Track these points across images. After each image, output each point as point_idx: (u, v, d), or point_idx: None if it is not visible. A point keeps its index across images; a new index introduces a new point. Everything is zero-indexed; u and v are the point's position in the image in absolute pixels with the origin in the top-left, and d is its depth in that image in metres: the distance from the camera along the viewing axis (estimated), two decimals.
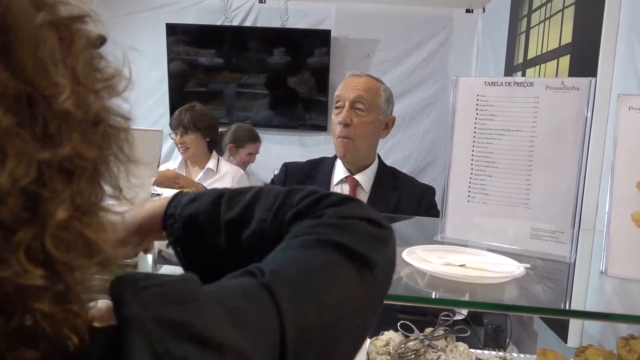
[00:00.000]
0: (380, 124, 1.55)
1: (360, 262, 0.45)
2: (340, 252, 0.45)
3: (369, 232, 0.49)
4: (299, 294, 0.41)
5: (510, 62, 2.67)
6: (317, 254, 0.45)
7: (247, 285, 0.40)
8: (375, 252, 0.47)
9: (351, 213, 0.50)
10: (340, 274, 0.44)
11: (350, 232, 0.48)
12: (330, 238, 0.46)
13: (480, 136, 1.05)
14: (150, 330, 0.32)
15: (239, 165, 2.96)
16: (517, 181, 1.01)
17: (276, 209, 0.54)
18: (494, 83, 1.03)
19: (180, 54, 3.73)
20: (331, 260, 0.45)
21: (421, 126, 3.66)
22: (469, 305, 0.80)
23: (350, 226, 0.49)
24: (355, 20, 3.64)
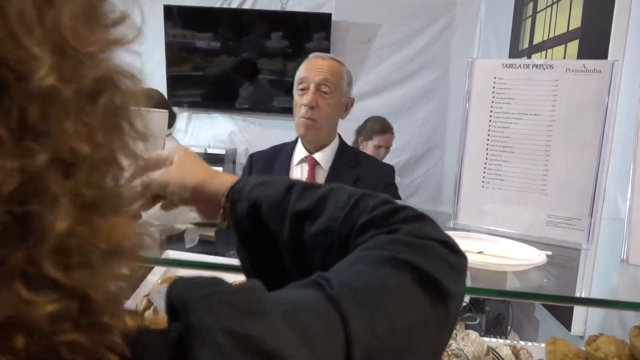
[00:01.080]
0: (342, 106, 1.61)
1: (436, 289, 0.42)
2: (415, 275, 0.42)
3: (446, 259, 0.46)
4: (369, 312, 0.38)
5: (515, 48, 2.63)
6: (391, 274, 0.42)
7: (315, 299, 0.37)
8: (452, 281, 0.44)
9: (428, 234, 0.47)
10: (414, 298, 0.41)
11: (428, 255, 0.45)
12: (406, 259, 0.43)
13: (497, 120, 1.02)
14: (220, 342, 0.29)
15: None
16: (533, 167, 0.99)
17: (349, 210, 0.51)
18: (511, 65, 1.00)
19: (177, 37, 3.66)
20: (405, 281, 0.42)
21: (421, 113, 3.63)
22: (487, 293, 0.78)
23: (429, 249, 0.46)
24: (356, 4, 3.58)
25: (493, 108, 1.02)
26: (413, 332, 0.40)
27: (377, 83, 3.65)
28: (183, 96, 3.73)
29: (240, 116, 3.76)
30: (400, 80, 3.63)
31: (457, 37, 3.55)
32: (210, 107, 3.78)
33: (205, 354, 0.29)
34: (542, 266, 0.78)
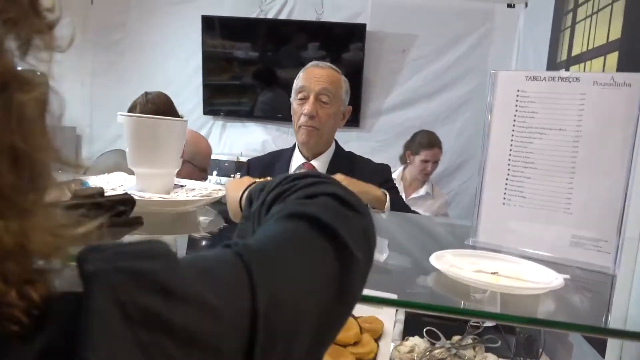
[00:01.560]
0: (340, 115, 1.63)
1: (332, 233, 0.44)
2: (310, 224, 0.45)
3: (340, 211, 0.48)
4: (270, 262, 0.39)
5: (552, 59, 2.55)
6: (288, 227, 0.45)
7: (222, 253, 0.39)
8: (346, 229, 0.45)
9: (322, 190, 0.51)
10: (311, 244, 0.44)
11: (321, 207, 0.47)
12: (300, 210, 0.46)
13: (519, 135, 0.98)
14: (114, 280, 0.30)
15: (417, 174, 2.91)
16: (558, 184, 0.94)
17: (265, 193, 0.56)
18: (536, 77, 0.96)
19: (215, 47, 3.73)
20: (301, 230, 0.44)
21: (457, 124, 3.56)
22: (499, 317, 0.74)
23: (322, 203, 0.49)
24: (392, 14, 3.56)
25: (516, 122, 0.98)
26: (313, 275, 0.42)
27: (412, 94, 3.61)
28: (219, 105, 3.79)
29: (273, 125, 3.79)
30: (435, 91, 3.58)
31: (495, 47, 3.48)
32: (245, 116, 3.82)
33: (98, 292, 0.29)
34: (560, 290, 0.74)
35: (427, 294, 0.75)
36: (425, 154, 2.92)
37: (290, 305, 0.38)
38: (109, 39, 3.89)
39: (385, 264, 0.95)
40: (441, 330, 1.27)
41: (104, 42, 3.89)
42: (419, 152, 2.94)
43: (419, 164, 2.95)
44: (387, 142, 3.63)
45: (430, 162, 2.94)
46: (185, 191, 1.08)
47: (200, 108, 3.79)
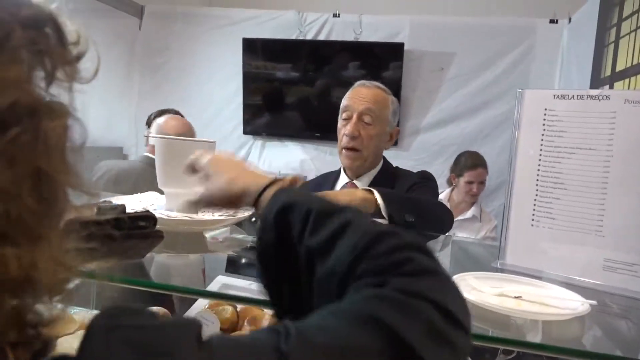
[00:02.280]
0: (386, 136, 1.57)
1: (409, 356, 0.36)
2: (387, 339, 0.36)
3: (436, 327, 0.38)
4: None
5: (596, 75, 2.47)
6: (358, 333, 0.36)
7: (261, 345, 0.34)
8: (434, 355, 0.37)
9: (424, 291, 0.40)
10: None
11: (411, 317, 0.38)
12: (386, 320, 0.37)
13: (548, 154, 0.95)
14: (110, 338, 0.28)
15: (464, 197, 2.88)
16: (589, 205, 0.91)
17: (358, 253, 0.46)
18: (564, 96, 0.93)
19: (256, 68, 3.81)
20: (370, 345, 0.36)
21: (497, 142, 3.48)
22: (517, 344, 0.72)
23: (415, 310, 0.39)
24: (430, 33, 3.55)
25: (544, 141, 0.95)
26: None
27: (451, 112, 3.56)
28: (258, 124, 3.86)
29: (312, 145, 3.82)
30: (474, 109, 3.52)
31: (537, 64, 3.40)
32: (284, 136, 3.87)
33: None
34: (586, 317, 0.71)
35: None
36: (469, 175, 2.87)
37: None
38: (154, 62, 4.04)
39: None
40: (470, 354, 1.23)
41: (149, 65, 4.05)
42: (462, 173, 2.89)
43: (463, 185, 2.89)
44: (425, 161, 3.59)
45: (475, 182, 2.87)
46: (212, 211, 1.10)
47: (241, 128, 3.87)
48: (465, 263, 1.10)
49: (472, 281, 0.80)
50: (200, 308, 1.28)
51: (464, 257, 1.25)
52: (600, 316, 0.74)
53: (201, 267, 1.16)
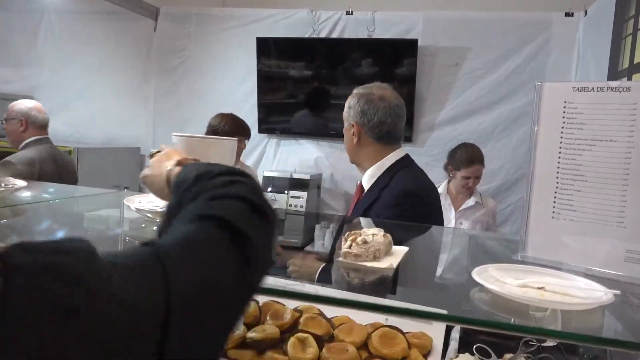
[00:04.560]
0: (349, 132, 1.67)
1: (235, 232, 0.51)
2: (217, 224, 0.51)
3: (245, 211, 0.55)
4: (181, 260, 0.45)
5: (614, 68, 2.45)
6: (196, 228, 0.51)
7: (142, 252, 0.45)
8: (249, 228, 0.53)
9: (235, 192, 0.57)
10: (215, 242, 0.50)
11: (228, 208, 0.54)
12: (208, 213, 0.53)
13: (568, 147, 0.95)
14: (35, 272, 0.34)
15: (458, 190, 2.95)
16: (610, 197, 0.91)
17: (182, 192, 0.63)
18: (583, 88, 0.94)
19: (271, 67, 3.84)
20: (208, 231, 0.51)
21: (514, 137, 3.47)
22: (543, 333, 0.73)
23: (230, 204, 0.55)
24: (443, 29, 3.54)
25: (563, 134, 0.96)
26: (218, 270, 0.48)
27: (466, 107, 3.55)
28: (273, 123, 3.89)
29: (326, 142, 3.83)
30: (490, 103, 3.51)
31: (553, 57, 3.37)
32: (299, 134, 3.89)
33: (20, 282, 0.33)
34: (610, 306, 0.71)
35: (469, 309, 0.75)
36: (465, 171, 2.86)
37: (199, 297, 0.44)
38: (170, 64, 4.09)
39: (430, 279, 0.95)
40: (493, 348, 1.24)
41: (165, 66, 4.10)
42: (459, 168, 2.89)
43: (460, 179, 2.89)
44: (440, 157, 3.58)
45: (472, 178, 2.88)
46: None
47: (256, 127, 3.90)
48: (484, 257, 1.11)
49: (494, 272, 0.81)
50: None
51: (481, 251, 1.26)
52: (624, 306, 0.75)
53: None
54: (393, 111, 1.64)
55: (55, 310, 0.33)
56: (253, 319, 1.23)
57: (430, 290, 0.83)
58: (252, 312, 1.23)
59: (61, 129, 4.36)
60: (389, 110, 1.63)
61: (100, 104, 4.23)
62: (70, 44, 4.24)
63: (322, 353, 1.12)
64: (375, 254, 0.88)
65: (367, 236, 0.89)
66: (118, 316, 0.36)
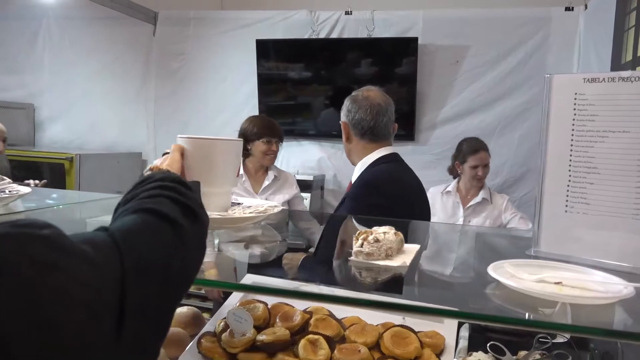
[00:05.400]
0: (344, 132, 1.80)
1: (168, 219, 0.60)
2: (153, 214, 0.60)
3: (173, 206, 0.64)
4: (130, 239, 0.53)
5: (617, 61, 2.43)
6: (137, 217, 0.60)
7: (98, 233, 0.53)
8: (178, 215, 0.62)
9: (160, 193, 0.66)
10: (155, 226, 0.59)
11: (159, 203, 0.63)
12: (144, 206, 0.62)
13: (579, 139, 0.94)
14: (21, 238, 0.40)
15: (471, 182, 2.95)
16: (624, 189, 0.89)
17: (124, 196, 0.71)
18: (594, 79, 0.92)
19: (270, 69, 3.83)
20: (146, 218, 0.60)
21: (516, 133, 3.45)
22: (562, 328, 0.71)
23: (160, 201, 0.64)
24: (443, 27, 3.53)
25: (575, 126, 0.94)
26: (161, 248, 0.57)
27: (467, 105, 3.54)
28: None
29: (328, 143, 3.82)
30: (491, 101, 3.50)
31: (553, 53, 3.36)
32: (300, 135, 3.88)
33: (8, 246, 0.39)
34: (631, 300, 0.70)
35: (486, 306, 0.73)
36: (472, 160, 2.87)
37: (146, 268, 0.52)
38: (170, 67, 4.08)
39: (444, 276, 0.93)
40: (506, 345, 1.22)
41: (164, 70, 4.09)
42: (466, 159, 2.90)
43: (469, 171, 2.90)
44: (442, 155, 3.57)
45: (480, 166, 2.88)
46: (242, 208, 1.11)
47: None
48: (495, 253, 1.09)
49: (510, 268, 0.80)
50: (232, 306, 1.29)
51: (492, 248, 1.25)
52: None
53: (232, 265, 1.17)
54: (374, 109, 1.73)
55: (34, 266, 0.39)
56: (263, 321, 1.22)
57: (446, 288, 0.82)
58: (262, 314, 1.22)
59: (61, 136, 4.36)
60: (369, 108, 1.73)
61: (100, 110, 4.22)
62: (69, 50, 4.24)
63: (333, 354, 1.10)
64: (387, 252, 0.87)
65: (379, 234, 0.88)
66: (89, 272, 0.44)
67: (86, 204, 1.78)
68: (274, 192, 2.79)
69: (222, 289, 1.29)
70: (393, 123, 1.79)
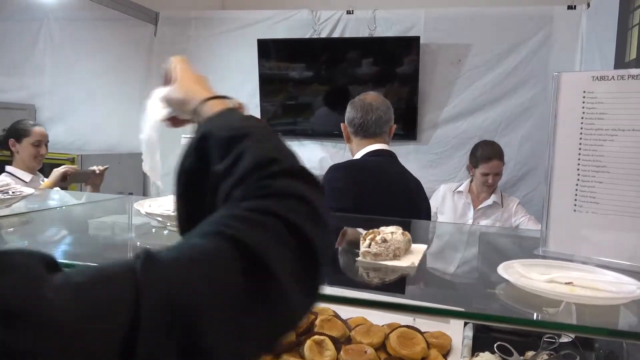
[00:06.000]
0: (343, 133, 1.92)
1: (255, 263, 0.39)
2: (233, 246, 0.39)
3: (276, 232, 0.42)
4: (165, 271, 0.36)
5: (620, 60, 2.42)
6: (207, 244, 0.40)
7: (119, 268, 0.36)
8: (276, 255, 0.41)
9: (274, 210, 0.44)
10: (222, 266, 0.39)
11: (252, 227, 0.42)
12: (223, 229, 0.41)
13: (588, 138, 0.93)
14: None
15: (480, 189, 2.91)
16: (634, 187, 0.88)
17: (237, 179, 0.49)
18: (603, 77, 0.91)
19: (271, 69, 3.82)
20: (217, 252, 0.39)
21: (519, 132, 3.44)
22: (575, 329, 0.70)
23: (257, 222, 0.43)
24: (445, 25, 3.52)
25: (583, 125, 0.93)
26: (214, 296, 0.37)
27: (469, 104, 3.53)
28: (276, 125, 3.86)
29: (330, 143, 3.81)
30: (494, 100, 3.49)
31: (556, 51, 3.35)
32: (302, 135, 3.87)
33: None
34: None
35: (497, 306, 0.72)
36: (484, 167, 2.86)
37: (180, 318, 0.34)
38: None
39: (453, 276, 0.92)
40: (513, 346, 1.21)
41: None
42: (478, 165, 2.88)
43: (480, 177, 2.89)
44: (445, 155, 3.57)
45: (491, 174, 2.86)
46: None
47: None
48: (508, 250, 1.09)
49: (520, 268, 0.79)
50: None
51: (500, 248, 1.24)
52: None
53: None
54: (363, 108, 1.82)
55: None
56: None
57: (455, 289, 0.81)
58: None
59: (63, 137, 4.34)
60: (359, 107, 1.83)
61: (102, 110, 4.21)
62: (70, 51, 4.23)
63: (339, 355, 1.10)
64: (395, 253, 0.86)
65: (386, 234, 0.87)
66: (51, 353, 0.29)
67: (88, 205, 1.78)
68: None
69: None
70: (387, 122, 1.86)
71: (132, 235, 1.24)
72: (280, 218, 0.43)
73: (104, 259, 1.08)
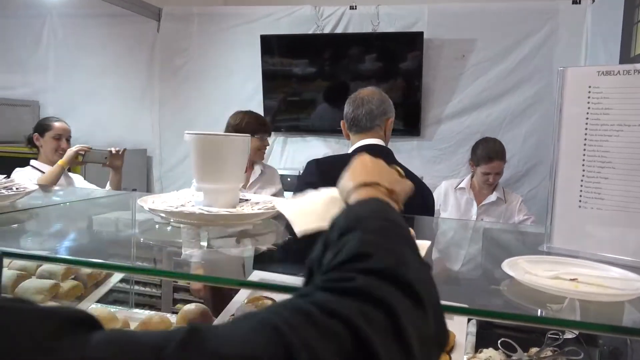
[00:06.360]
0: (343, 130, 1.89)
1: None
2: (282, 349, 0.35)
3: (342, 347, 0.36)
4: None
5: (626, 55, 2.41)
6: (253, 339, 0.36)
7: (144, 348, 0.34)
8: None
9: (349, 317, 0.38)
10: None
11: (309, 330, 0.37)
12: (279, 325, 0.36)
13: (593, 133, 0.92)
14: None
15: (481, 186, 2.92)
16: (639, 183, 0.88)
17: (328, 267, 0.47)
18: (609, 72, 0.91)
19: (274, 65, 3.81)
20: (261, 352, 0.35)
21: (523, 128, 3.43)
22: (580, 326, 0.70)
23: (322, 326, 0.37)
24: (449, 21, 3.50)
25: (589, 120, 0.93)
26: None
27: (474, 100, 3.52)
28: (279, 121, 3.86)
29: (333, 139, 3.81)
30: (498, 95, 3.47)
31: (561, 46, 3.33)
32: (305, 131, 3.87)
33: None
34: None
35: (501, 303, 0.72)
36: (485, 167, 2.84)
37: None
38: (174, 64, 4.07)
39: (457, 273, 0.92)
40: (517, 342, 1.21)
41: (169, 67, 4.08)
42: (479, 164, 2.86)
43: (480, 175, 2.87)
44: (448, 150, 3.55)
45: (492, 174, 2.85)
46: (250, 205, 1.10)
47: None
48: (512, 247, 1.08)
49: (525, 264, 0.79)
50: (240, 303, 1.29)
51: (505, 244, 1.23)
52: None
53: (240, 261, 1.16)
54: (355, 102, 1.80)
55: None
56: None
57: (459, 285, 0.81)
58: None
59: None
60: (351, 101, 1.82)
61: (105, 107, 4.21)
62: (73, 47, 4.23)
63: None
64: None
65: None
66: None
67: (92, 201, 1.78)
68: (261, 187, 2.77)
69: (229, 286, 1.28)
70: (380, 116, 1.79)
71: (135, 231, 1.24)
72: (350, 327, 0.37)
73: (108, 255, 1.09)
